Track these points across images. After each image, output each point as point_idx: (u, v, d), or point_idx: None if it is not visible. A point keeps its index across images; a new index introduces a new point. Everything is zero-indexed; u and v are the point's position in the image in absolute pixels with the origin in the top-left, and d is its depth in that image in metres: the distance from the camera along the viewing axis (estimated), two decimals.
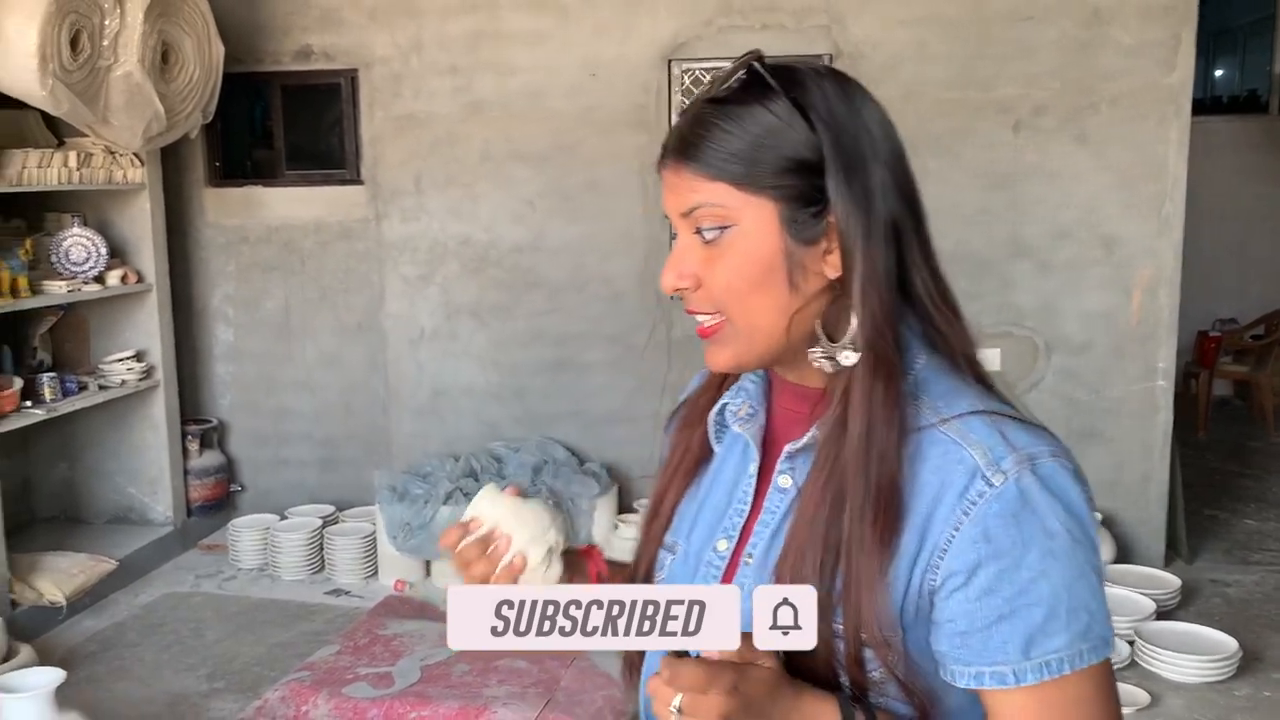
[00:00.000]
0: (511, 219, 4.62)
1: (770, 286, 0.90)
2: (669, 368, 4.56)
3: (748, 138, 0.88)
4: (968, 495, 0.85)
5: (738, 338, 0.93)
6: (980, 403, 0.90)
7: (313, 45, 4.65)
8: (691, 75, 4.41)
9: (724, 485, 1.02)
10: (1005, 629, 0.84)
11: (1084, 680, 0.85)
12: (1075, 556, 0.85)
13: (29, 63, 3.33)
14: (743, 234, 0.89)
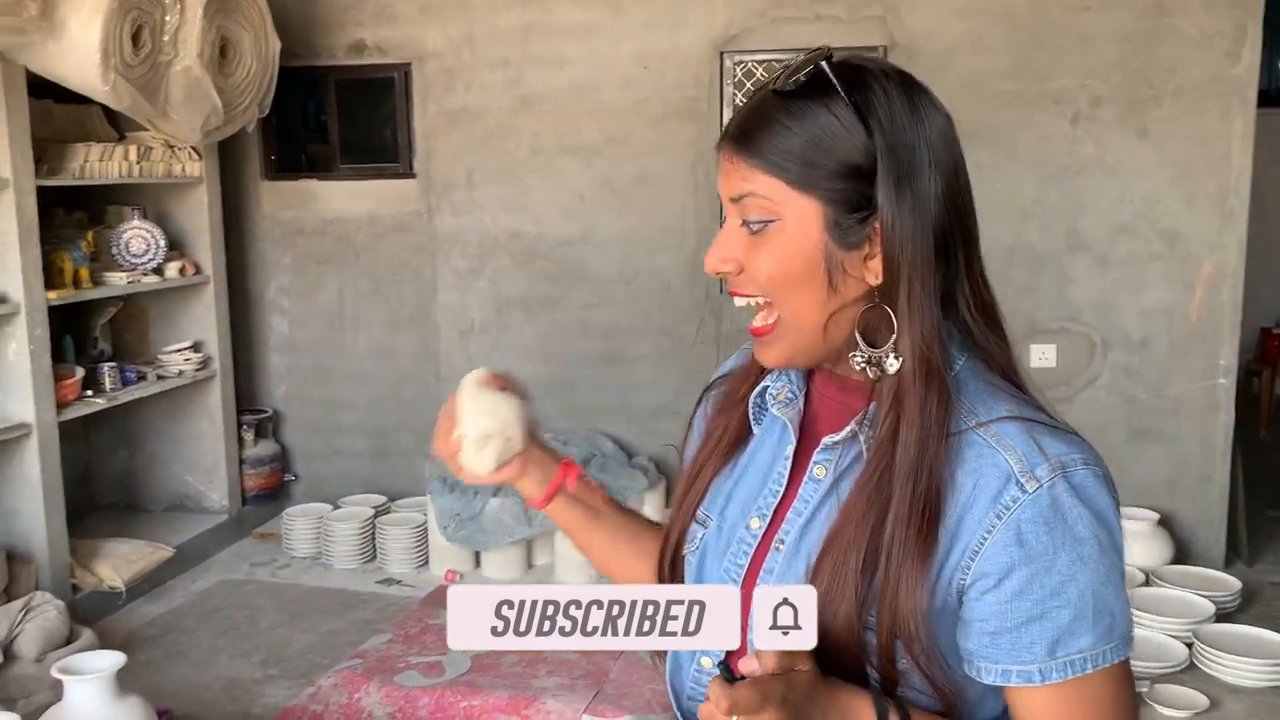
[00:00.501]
0: (561, 212, 4.63)
1: (809, 284, 0.92)
2: (717, 361, 4.53)
3: (805, 137, 0.90)
4: (1001, 500, 0.88)
5: (787, 334, 0.94)
6: (1016, 409, 0.92)
7: (366, 40, 4.70)
8: (744, 67, 4.39)
9: (760, 466, 1.04)
10: (1035, 629, 0.87)
11: (1106, 678, 0.88)
12: (1102, 562, 0.88)
13: (92, 58, 3.40)
14: (786, 229, 0.91)
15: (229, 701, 3.24)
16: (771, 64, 4.36)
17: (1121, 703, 0.90)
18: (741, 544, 1.01)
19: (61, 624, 3.36)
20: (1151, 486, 4.23)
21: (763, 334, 0.96)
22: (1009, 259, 4.25)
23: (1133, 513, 4.04)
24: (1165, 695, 3.09)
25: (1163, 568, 3.88)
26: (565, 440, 4.59)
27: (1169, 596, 3.66)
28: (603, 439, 4.60)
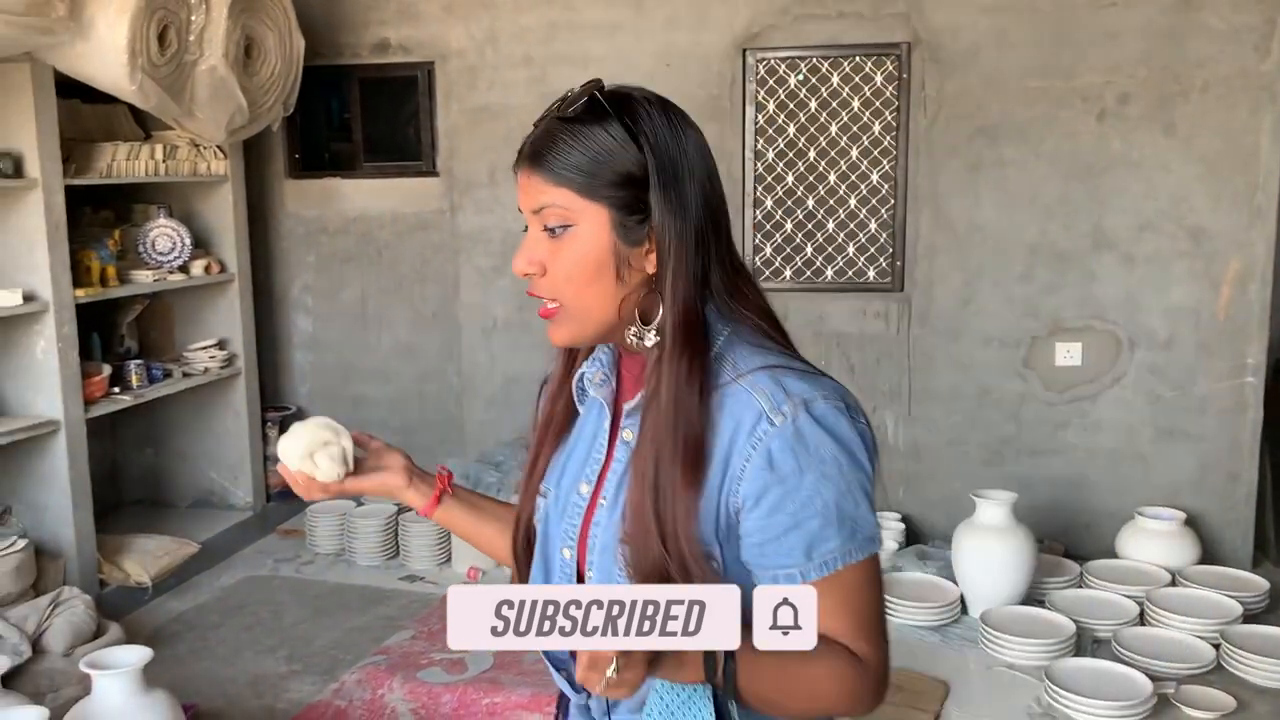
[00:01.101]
0: None
1: (602, 278, 1.10)
2: None
3: (588, 154, 1.08)
4: (755, 434, 1.06)
5: (571, 320, 1.13)
6: (769, 361, 1.09)
7: (390, 38, 4.72)
8: (766, 64, 4.38)
9: (585, 440, 1.22)
10: (792, 538, 1.05)
11: (856, 572, 1.07)
12: (844, 478, 1.06)
13: (119, 58, 3.42)
14: (581, 233, 1.09)
15: (254, 697, 3.27)
16: (795, 61, 4.34)
17: (871, 590, 1.09)
18: (574, 507, 1.19)
19: (89, 619, 3.39)
20: (1178, 486, 4.20)
21: (549, 317, 1.14)
22: (1033, 257, 4.22)
23: (1159, 512, 4.01)
24: (1192, 696, 3.06)
25: (1189, 568, 3.85)
26: None
27: (1196, 597, 3.63)
28: None
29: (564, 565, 1.20)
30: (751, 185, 4.44)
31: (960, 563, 3.72)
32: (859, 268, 4.42)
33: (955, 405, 4.37)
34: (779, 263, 4.48)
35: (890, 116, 4.29)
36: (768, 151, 4.42)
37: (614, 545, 1.12)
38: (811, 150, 4.39)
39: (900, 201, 4.32)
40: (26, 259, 3.57)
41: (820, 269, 4.45)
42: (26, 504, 3.74)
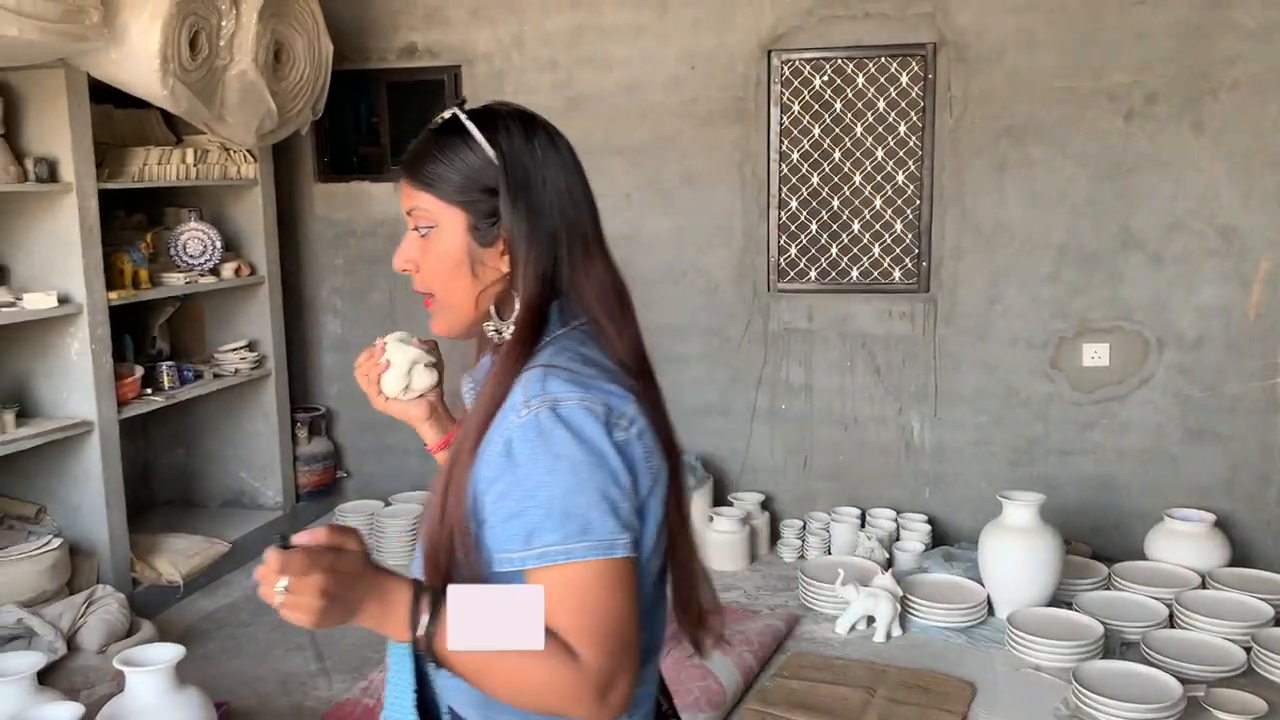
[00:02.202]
0: (608, 212, 4.55)
1: (458, 274, 1.22)
2: (765, 360, 4.55)
3: (449, 163, 1.20)
4: (504, 423, 1.12)
5: (443, 311, 1.25)
6: (557, 360, 1.15)
7: (417, 43, 4.75)
8: (791, 66, 4.38)
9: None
10: (514, 525, 1.09)
11: (583, 572, 1.08)
12: (579, 476, 1.08)
13: (151, 63, 3.47)
14: (442, 233, 1.22)
15: (283, 695, 3.30)
16: (819, 62, 4.34)
17: (604, 595, 1.08)
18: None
19: (123, 616, 3.44)
20: (1208, 487, 4.16)
21: (429, 306, 1.26)
22: (1060, 257, 4.20)
23: (1188, 514, 3.98)
24: (1222, 700, 3.04)
25: (1219, 570, 3.82)
26: None
27: (1226, 599, 3.60)
28: None
29: None
30: (776, 187, 4.45)
31: (987, 564, 3.71)
32: (884, 268, 4.41)
33: (981, 406, 4.36)
34: (804, 264, 4.48)
35: (916, 117, 4.29)
36: (792, 153, 4.42)
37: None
38: (837, 151, 4.38)
39: (926, 202, 4.32)
40: (61, 262, 3.63)
41: (845, 270, 4.45)
42: (61, 503, 3.80)
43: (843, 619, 3.69)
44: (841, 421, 4.52)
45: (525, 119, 1.24)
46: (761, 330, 4.54)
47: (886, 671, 3.36)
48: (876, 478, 4.52)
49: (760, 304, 4.53)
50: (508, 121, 1.22)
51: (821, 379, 4.51)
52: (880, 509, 4.44)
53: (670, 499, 1.20)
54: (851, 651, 3.56)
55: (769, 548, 4.49)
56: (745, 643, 3.48)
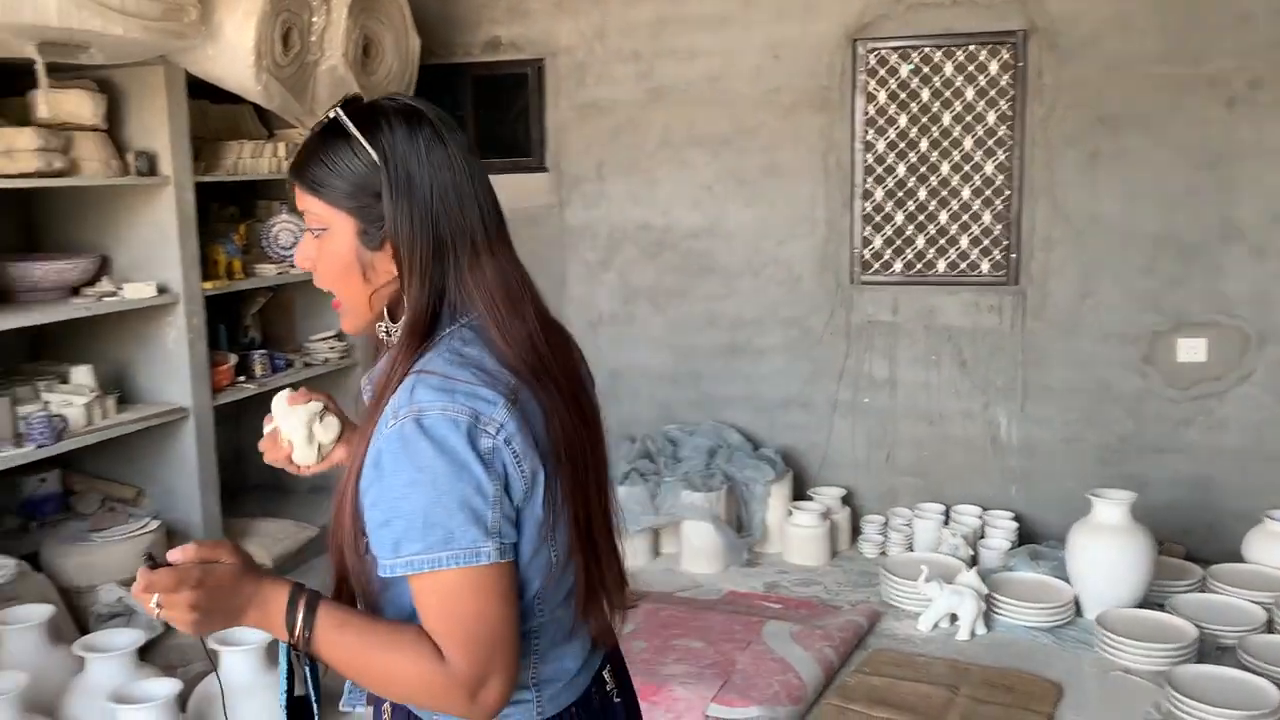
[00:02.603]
0: (689, 204, 4.65)
1: (350, 277, 1.22)
2: (847, 353, 4.50)
3: (332, 166, 1.19)
4: (379, 432, 1.14)
5: (346, 311, 1.26)
6: (429, 366, 1.16)
7: (501, 36, 4.80)
8: (877, 55, 4.32)
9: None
10: (384, 533, 1.13)
11: (450, 579, 1.12)
12: (439, 487, 1.11)
13: (246, 60, 3.56)
14: (332, 236, 1.22)
15: None
16: (907, 50, 4.27)
17: (472, 600, 1.12)
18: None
19: None
20: None
21: (336, 307, 1.27)
22: (1156, 250, 4.08)
23: None
24: None
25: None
26: (691, 431, 4.61)
27: None
28: (729, 430, 4.60)
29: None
30: (861, 177, 4.39)
31: (1075, 563, 3.62)
32: (972, 260, 4.33)
33: (1071, 402, 4.25)
34: (889, 255, 4.42)
35: (1006, 106, 4.19)
36: (878, 143, 4.36)
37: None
38: (924, 141, 4.31)
39: (1016, 193, 4.22)
40: (160, 253, 3.74)
41: (932, 262, 4.38)
42: (158, 486, 3.92)
43: (925, 616, 3.64)
44: (926, 416, 4.45)
45: (411, 115, 1.21)
46: (844, 323, 4.49)
47: (970, 670, 3.31)
48: (961, 474, 4.44)
49: (843, 296, 4.48)
50: (391, 120, 1.20)
51: (906, 372, 4.45)
52: (965, 505, 4.36)
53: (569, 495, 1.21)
54: (934, 649, 3.51)
55: (849, 543, 4.45)
56: (825, 638, 3.46)
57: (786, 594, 4.00)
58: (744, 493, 4.35)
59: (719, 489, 4.21)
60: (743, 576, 4.16)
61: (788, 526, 4.30)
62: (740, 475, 4.35)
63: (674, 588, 4.06)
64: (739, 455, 4.46)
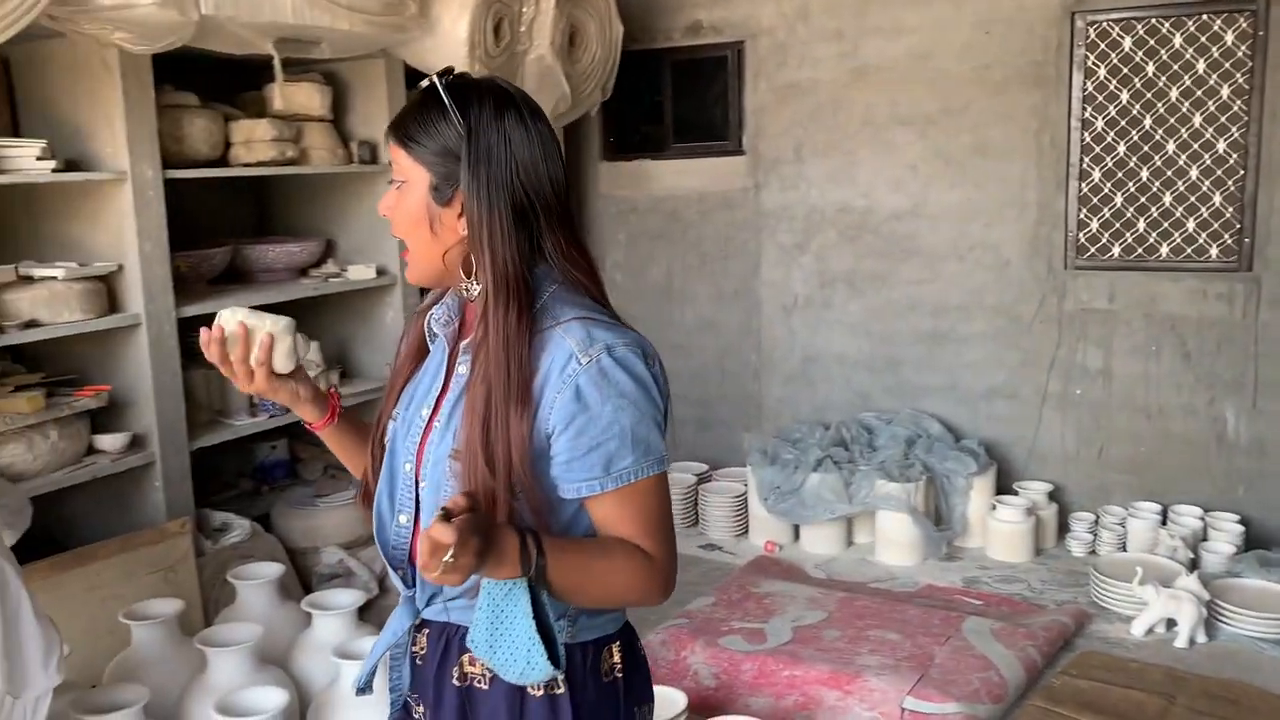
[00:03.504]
0: (891, 185, 4.53)
1: (420, 228, 1.34)
2: (1059, 342, 4.29)
3: (424, 129, 1.32)
4: (566, 371, 1.27)
5: (414, 262, 1.38)
6: (582, 312, 1.32)
7: (702, 20, 4.81)
8: (1098, 27, 4.08)
9: (430, 371, 1.43)
10: (593, 457, 1.28)
11: (647, 485, 1.31)
12: (639, 408, 1.29)
13: (460, 50, 3.71)
14: (410, 189, 1.34)
15: None
16: (1130, 22, 4.03)
17: (661, 501, 1.33)
18: (415, 428, 1.39)
19: None
20: None
21: (404, 255, 1.39)
22: None
23: None
24: None
25: None
26: (889, 420, 4.51)
27: None
28: (929, 420, 4.47)
29: (405, 477, 1.39)
30: (1078, 156, 4.17)
31: None
32: (1199, 245, 4.05)
33: None
34: (1106, 239, 4.19)
35: (1242, 79, 3.89)
36: (1097, 120, 4.13)
37: (444, 461, 1.33)
38: (1147, 118, 4.05)
39: (1251, 172, 3.91)
40: (379, 237, 3.96)
41: (1154, 246, 4.12)
42: None
43: (1140, 620, 3.44)
44: (1144, 410, 4.20)
45: (501, 96, 1.33)
46: (1055, 310, 4.29)
47: (1188, 679, 3.12)
48: (1181, 472, 4.17)
49: (1055, 282, 4.27)
50: (483, 98, 1.31)
51: (1122, 363, 4.21)
52: (1185, 505, 4.09)
53: None
54: (1148, 655, 3.32)
55: (1055, 541, 4.25)
56: (1029, 637, 3.33)
57: (988, 590, 3.86)
58: (944, 484, 4.22)
59: (918, 480, 4.11)
60: (941, 570, 4.05)
61: (990, 521, 4.15)
62: (940, 467, 4.22)
63: (867, 578, 3.99)
64: (939, 446, 4.33)
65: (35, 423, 2.95)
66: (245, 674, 2.62)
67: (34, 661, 1.87)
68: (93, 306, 3.05)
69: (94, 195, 3.14)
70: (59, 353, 3.26)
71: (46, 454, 2.96)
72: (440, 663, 1.40)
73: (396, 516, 1.40)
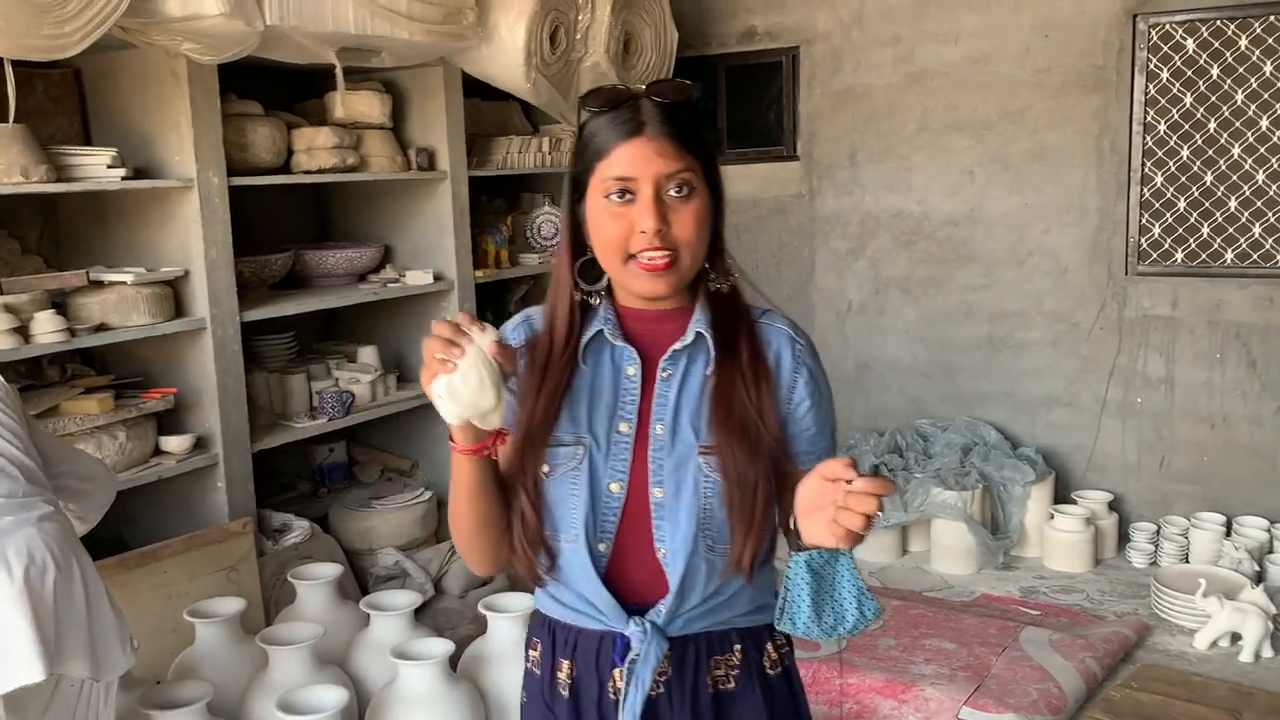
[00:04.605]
0: (947, 190, 4.50)
1: (704, 235, 1.33)
2: (1119, 350, 4.22)
3: (700, 133, 1.34)
4: (794, 353, 1.37)
5: (683, 270, 1.31)
6: (761, 305, 1.41)
7: (757, 26, 4.80)
8: (1160, 30, 4.02)
9: (606, 386, 1.36)
10: (827, 428, 1.40)
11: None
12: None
13: (516, 58, 3.74)
14: (699, 195, 1.31)
15: None
16: (1194, 24, 3.96)
17: None
18: (618, 445, 1.33)
19: None
20: None
21: (664, 268, 1.29)
22: None
23: None
24: None
25: None
26: (944, 427, 4.47)
27: None
28: (986, 428, 4.42)
29: (610, 499, 1.32)
30: (1139, 160, 4.11)
31: None
32: (1266, 250, 3.96)
33: None
34: (1169, 244, 4.11)
35: None
36: (1159, 124, 4.06)
37: (689, 458, 1.30)
38: (1212, 121, 3.98)
39: None
40: (436, 242, 4.00)
41: (1218, 252, 4.04)
42: (430, 460, 4.20)
43: (1203, 633, 3.38)
44: (1207, 419, 4.11)
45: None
46: (1116, 317, 4.22)
47: (1254, 695, 3.05)
48: (1247, 483, 4.08)
49: (1115, 288, 4.20)
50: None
51: (1185, 371, 4.13)
52: (1250, 517, 4.00)
53: None
54: (1211, 669, 3.25)
55: (1115, 551, 4.18)
56: (1088, 648, 3.27)
57: (1045, 600, 3.81)
58: (1001, 493, 4.17)
59: (974, 488, 4.06)
60: (997, 579, 4.00)
61: (1048, 530, 4.09)
62: (997, 475, 4.17)
63: (922, 587, 3.95)
64: (996, 454, 4.28)
65: (104, 424, 3.03)
66: (305, 673, 2.66)
67: (114, 647, 1.93)
68: (160, 310, 3.12)
69: (162, 202, 3.21)
70: (127, 356, 3.34)
71: (114, 454, 3.03)
72: (694, 678, 1.35)
73: (596, 545, 1.32)
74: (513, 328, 1.44)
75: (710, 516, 1.30)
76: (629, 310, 1.38)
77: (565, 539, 1.33)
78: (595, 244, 1.34)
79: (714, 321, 1.35)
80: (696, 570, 1.31)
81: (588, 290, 1.37)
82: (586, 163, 1.32)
